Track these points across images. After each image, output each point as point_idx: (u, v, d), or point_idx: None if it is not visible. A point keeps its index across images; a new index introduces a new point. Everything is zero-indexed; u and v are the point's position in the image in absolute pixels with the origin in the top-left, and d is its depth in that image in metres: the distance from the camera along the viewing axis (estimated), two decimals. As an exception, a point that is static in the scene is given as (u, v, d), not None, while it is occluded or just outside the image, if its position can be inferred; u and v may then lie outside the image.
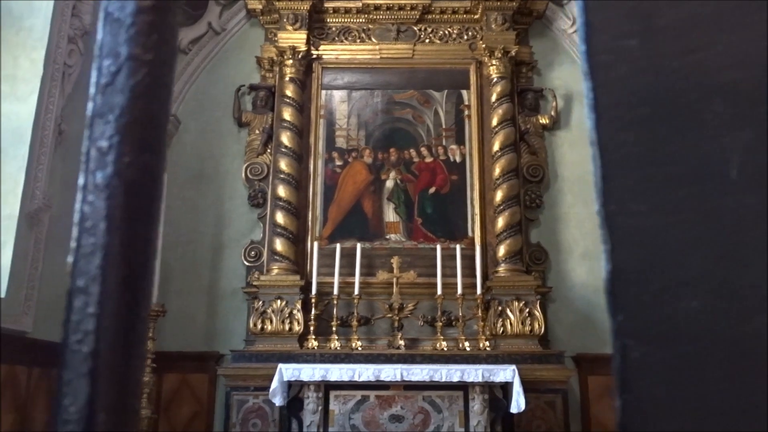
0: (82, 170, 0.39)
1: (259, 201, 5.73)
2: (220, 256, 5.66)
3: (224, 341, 5.37)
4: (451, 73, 5.95)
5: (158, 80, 0.40)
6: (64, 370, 0.36)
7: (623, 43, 0.39)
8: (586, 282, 5.54)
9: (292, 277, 5.26)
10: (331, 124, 5.87)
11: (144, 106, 0.40)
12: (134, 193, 0.38)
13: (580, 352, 5.31)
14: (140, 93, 0.40)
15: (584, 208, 5.73)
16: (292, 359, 4.80)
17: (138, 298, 0.37)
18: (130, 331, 0.37)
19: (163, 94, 0.41)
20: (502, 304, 5.17)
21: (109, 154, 0.39)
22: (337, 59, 5.98)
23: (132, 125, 0.39)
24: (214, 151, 5.89)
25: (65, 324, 0.37)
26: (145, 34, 0.40)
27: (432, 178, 5.76)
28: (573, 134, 5.98)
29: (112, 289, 0.37)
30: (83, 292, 0.37)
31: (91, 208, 0.38)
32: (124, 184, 0.38)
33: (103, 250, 0.37)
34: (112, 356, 0.36)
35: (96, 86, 0.40)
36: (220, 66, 6.13)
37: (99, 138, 0.39)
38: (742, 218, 0.37)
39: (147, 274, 0.38)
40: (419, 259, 5.46)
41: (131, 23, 0.40)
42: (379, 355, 4.90)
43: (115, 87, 0.40)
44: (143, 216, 0.38)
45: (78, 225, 0.38)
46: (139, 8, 0.41)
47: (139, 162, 0.39)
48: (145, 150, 0.39)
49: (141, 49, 0.40)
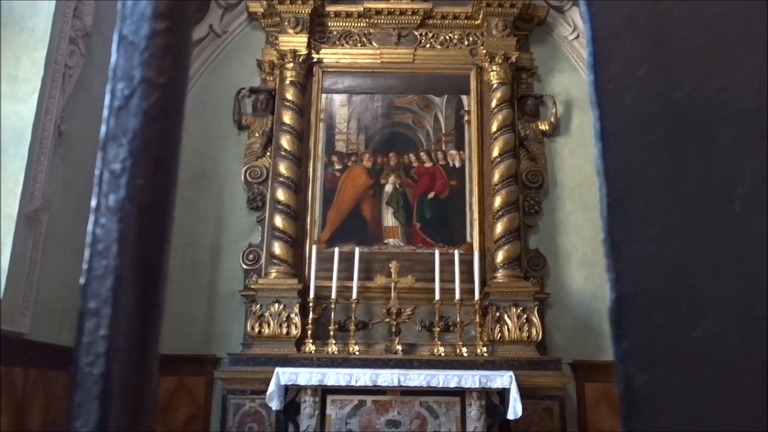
0: (95, 193, 0.39)
1: (258, 204, 5.73)
2: (218, 259, 5.66)
3: (221, 344, 5.37)
4: (452, 79, 5.96)
5: (171, 103, 0.41)
6: (75, 393, 0.36)
7: (633, 72, 0.40)
8: (584, 289, 5.55)
9: (290, 281, 5.26)
10: (331, 128, 5.88)
11: (157, 129, 0.40)
12: (146, 216, 0.39)
13: (577, 359, 5.32)
14: (153, 116, 0.40)
15: (583, 214, 5.74)
16: (289, 363, 4.79)
17: (149, 319, 0.38)
18: (141, 353, 0.37)
19: (176, 117, 0.41)
20: (500, 309, 5.17)
21: (122, 176, 0.39)
22: (337, 63, 5.99)
23: (145, 148, 0.40)
24: (214, 154, 5.89)
25: (76, 346, 0.37)
26: (159, 57, 0.41)
27: (431, 183, 5.77)
28: (573, 141, 5.99)
29: (124, 312, 0.37)
30: (95, 314, 0.37)
31: (103, 231, 0.38)
32: (136, 207, 0.39)
33: (114, 273, 0.38)
34: (124, 378, 0.36)
35: (109, 109, 0.40)
36: (220, 68, 6.14)
37: (112, 161, 0.39)
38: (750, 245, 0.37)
39: (159, 296, 0.39)
40: (417, 264, 5.47)
41: (145, 47, 0.41)
42: (377, 360, 4.89)
43: (128, 110, 0.40)
44: (155, 238, 0.39)
45: (90, 247, 0.38)
46: (153, 31, 0.41)
47: (152, 185, 0.39)
48: (157, 172, 0.40)
49: (155, 73, 0.41)
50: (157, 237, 0.39)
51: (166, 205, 0.40)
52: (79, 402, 0.36)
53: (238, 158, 5.90)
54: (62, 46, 4.48)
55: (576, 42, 6.11)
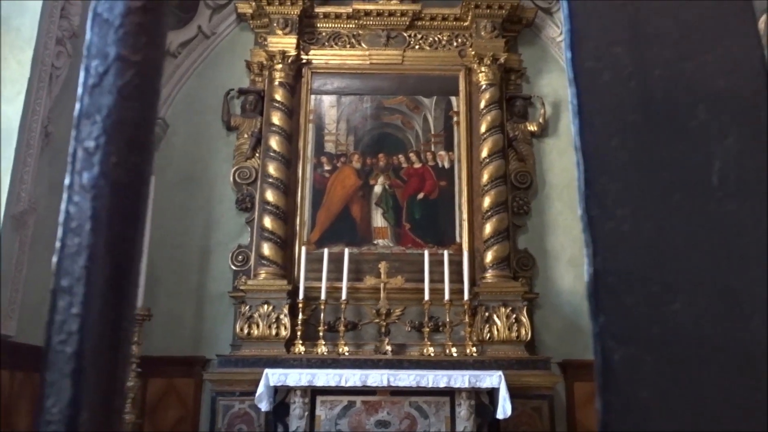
0: (68, 171, 0.39)
1: (247, 205, 5.71)
2: (207, 260, 5.64)
3: (210, 346, 5.34)
4: (441, 80, 5.98)
5: (146, 81, 0.40)
6: (47, 371, 0.36)
7: (609, 50, 0.40)
8: (573, 288, 5.58)
9: (279, 282, 5.24)
10: (320, 129, 5.87)
11: (131, 107, 0.40)
12: (121, 194, 0.38)
13: (566, 359, 5.34)
14: (128, 94, 0.40)
15: (572, 214, 5.76)
16: (278, 364, 4.77)
17: (123, 298, 0.37)
18: (114, 331, 0.36)
19: (151, 96, 0.41)
20: (489, 310, 5.18)
21: (95, 154, 0.39)
22: (326, 64, 5.99)
23: (119, 126, 0.39)
24: (203, 155, 5.87)
25: (49, 324, 0.37)
26: (133, 35, 0.40)
27: (420, 184, 5.78)
28: (561, 141, 6.02)
29: (97, 290, 0.37)
30: (67, 292, 0.37)
31: (76, 209, 0.38)
32: (110, 185, 0.38)
33: (88, 251, 0.37)
34: (96, 357, 0.36)
35: (84, 87, 0.40)
36: (209, 70, 6.11)
37: (86, 138, 0.39)
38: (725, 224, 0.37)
39: (132, 274, 0.38)
40: (407, 265, 5.47)
41: (120, 24, 0.40)
42: (366, 361, 4.88)
43: (102, 88, 0.40)
44: (129, 217, 0.38)
45: (63, 225, 0.38)
46: (128, 9, 0.41)
47: (126, 163, 0.39)
48: (132, 151, 0.39)
49: (129, 51, 0.40)
50: (131, 216, 0.39)
51: (140, 184, 0.39)
52: (51, 381, 0.35)
53: (227, 159, 5.88)
54: (49, 47, 4.44)
55: (564, 43, 6.14)
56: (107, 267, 0.37)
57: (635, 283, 0.36)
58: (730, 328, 0.36)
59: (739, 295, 0.36)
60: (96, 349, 0.36)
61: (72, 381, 0.35)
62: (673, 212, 0.37)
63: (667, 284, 0.36)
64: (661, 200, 0.37)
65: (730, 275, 0.37)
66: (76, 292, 0.36)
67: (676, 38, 0.40)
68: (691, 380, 0.35)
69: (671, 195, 0.37)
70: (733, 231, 0.37)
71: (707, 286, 0.36)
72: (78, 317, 0.36)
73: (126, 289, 0.37)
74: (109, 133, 0.39)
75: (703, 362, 0.35)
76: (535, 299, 5.54)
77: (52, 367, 0.35)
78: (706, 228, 0.37)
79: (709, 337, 0.36)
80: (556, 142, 6.04)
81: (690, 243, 0.37)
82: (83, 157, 0.39)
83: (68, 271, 0.37)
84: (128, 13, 0.41)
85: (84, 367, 0.35)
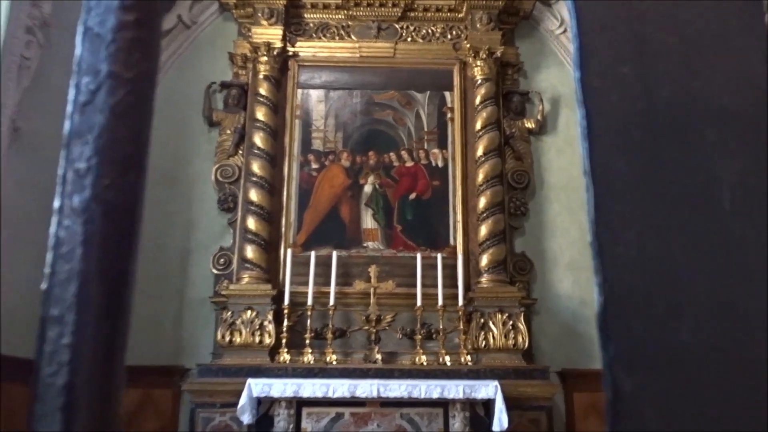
0: (58, 193, 0.39)
1: (229, 205, 5.70)
2: (187, 263, 5.62)
3: (190, 354, 5.32)
4: (434, 74, 5.99)
5: (140, 99, 0.41)
6: (37, 404, 0.36)
7: (617, 70, 0.41)
8: (572, 293, 5.61)
9: (263, 287, 5.23)
10: (308, 125, 5.87)
11: (124, 126, 0.40)
12: (113, 218, 0.39)
13: (565, 367, 5.37)
14: (121, 112, 0.40)
15: (570, 216, 5.80)
16: (262, 374, 4.76)
17: (116, 327, 0.38)
18: (108, 362, 0.37)
19: (144, 114, 0.41)
20: (485, 316, 5.20)
21: (87, 176, 0.39)
22: (314, 57, 5.98)
23: (112, 146, 0.40)
24: (183, 152, 5.84)
25: (38, 355, 0.37)
26: (126, 50, 0.41)
27: (413, 184, 5.79)
28: (560, 139, 6.05)
29: (89, 319, 0.37)
30: (58, 321, 0.37)
31: (67, 233, 0.38)
32: (102, 208, 0.39)
33: (79, 277, 0.37)
34: (89, 390, 0.36)
35: (74, 105, 0.40)
36: (190, 62, 6.09)
37: (76, 159, 0.39)
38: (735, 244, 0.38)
39: (126, 302, 0.39)
40: (398, 269, 5.48)
41: (112, 39, 0.41)
42: (355, 370, 4.89)
43: (94, 106, 0.40)
44: (123, 242, 0.39)
45: (53, 250, 0.38)
46: (120, 24, 0.41)
47: (119, 185, 0.39)
48: (125, 172, 0.40)
49: (122, 67, 0.41)
50: (124, 240, 0.39)
51: (134, 206, 0.40)
52: (41, 415, 0.36)
53: (208, 157, 5.86)
54: (18, 36, 4.41)
55: (563, 36, 6.18)
56: (100, 295, 0.38)
57: (643, 310, 0.37)
58: (738, 351, 0.37)
59: (748, 317, 0.38)
60: (88, 382, 0.36)
61: (63, 415, 0.35)
62: (680, 234, 0.38)
63: (674, 309, 0.37)
64: (667, 223, 0.38)
65: (737, 297, 0.38)
66: (67, 321, 0.37)
67: (683, 55, 0.41)
68: (701, 407, 0.36)
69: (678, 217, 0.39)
70: (741, 252, 0.38)
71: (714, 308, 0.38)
72: (69, 348, 0.36)
73: (120, 318, 0.38)
74: (101, 154, 0.39)
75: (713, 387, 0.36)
76: (532, 305, 5.57)
77: (42, 400, 0.36)
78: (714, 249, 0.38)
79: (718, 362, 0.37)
80: (554, 140, 6.07)
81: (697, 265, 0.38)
82: (74, 179, 0.39)
83: (59, 299, 0.37)
84: (121, 27, 0.41)
85: (76, 400, 0.36)
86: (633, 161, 0.39)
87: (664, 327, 0.37)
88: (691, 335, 0.36)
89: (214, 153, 5.86)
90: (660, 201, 0.38)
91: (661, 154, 0.39)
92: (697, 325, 0.37)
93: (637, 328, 0.36)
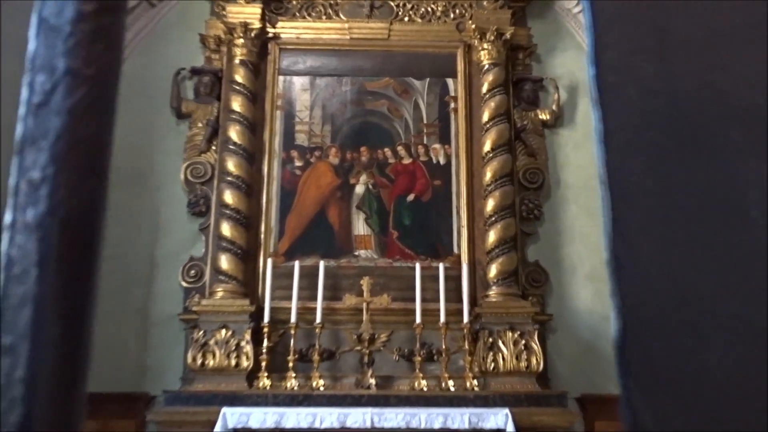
0: (10, 206, 0.40)
1: (201, 209, 5.70)
2: (152, 276, 5.61)
3: (156, 379, 5.31)
4: (435, 59, 6.01)
5: (101, 99, 0.42)
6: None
7: (634, 64, 0.42)
8: (593, 308, 5.62)
9: (240, 302, 5.23)
10: (291, 117, 5.87)
11: (84, 130, 0.41)
12: (72, 234, 0.39)
13: (585, 393, 5.38)
14: (80, 114, 0.41)
15: (590, 219, 5.81)
16: (238, 401, 4.76)
17: (75, 358, 0.38)
18: (66, 397, 0.38)
19: (106, 116, 0.42)
20: (494, 334, 5.21)
21: (41, 187, 0.40)
22: (298, 39, 5.99)
23: (69, 153, 0.40)
24: (148, 148, 5.84)
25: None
26: (86, 44, 0.42)
27: (411, 183, 5.80)
28: (578, 133, 6.08)
29: (45, 348, 0.38)
30: (10, 351, 0.38)
31: (20, 252, 0.39)
32: (59, 223, 0.39)
33: (34, 302, 0.38)
34: (46, 428, 0.37)
35: (27, 106, 0.41)
36: (155, 45, 6.09)
37: (30, 168, 0.40)
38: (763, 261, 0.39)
39: (87, 329, 0.39)
40: (394, 281, 5.49)
41: (70, 32, 0.42)
42: (346, 397, 4.89)
43: (49, 107, 0.41)
44: (83, 260, 0.40)
45: (4, 271, 0.39)
46: (79, 14, 0.42)
47: (78, 197, 0.40)
48: (85, 183, 0.40)
49: (81, 63, 0.41)
50: (84, 258, 0.40)
51: (95, 220, 0.41)
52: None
53: (177, 153, 5.86)
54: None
55: (582, 15, 6.20)
56: (57, 321, 0.38)
57: (666, 333, 0.38)
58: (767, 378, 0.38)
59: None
60: (44, 420, 0.37)
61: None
62: (704, 249, 0.39)
63: (699, 332, 0.38)
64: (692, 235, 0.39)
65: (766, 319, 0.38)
66: (21, 351, 0.37)
67: (707, 47, 0.42)
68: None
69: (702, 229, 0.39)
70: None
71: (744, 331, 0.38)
72: (23, 382, 0.37)
73: (79, 347, 0.39)
74: (57, 162, 0.40)
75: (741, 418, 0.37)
76: (548, 321, 5.58)
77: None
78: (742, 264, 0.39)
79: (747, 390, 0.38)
80: (571, 134, 6.09)
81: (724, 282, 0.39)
82: (27, 191, 0.40)
83: (11, 327, 0.38)
84: (79, 18, 0.42)
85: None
86: (653, 166, 0.40)
87: (689, 352, 0.37)
88: (718, 361, 0.37)
89: (184, 149, 5.86)
90: (683, 211, 0.39)
91: (684, 159, 0.40)
92: (725, 349, 0.37)
93: (658, 354, 0.37)
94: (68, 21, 0.42)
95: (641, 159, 0.40)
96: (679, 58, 0.41)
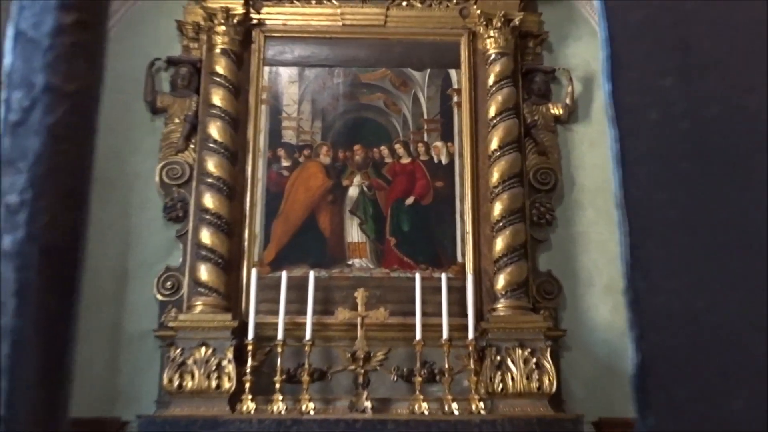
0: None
1: (178, 213, 5.69)
2: (124, 288, 5.60)
3: (129, 403, 5.30)
4: (436, 48, 6.02)
5: (83, 117, 0.43)
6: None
7: (656, 83, 0.43)
8: (611, 323, 5.62)
9: (221, 316, 5.23)
10: (277, 112, 5.88)
11: (65, 150, 0.42)
12: (52, 262, 0.41)
13: (603, 416, 5.39)
14: (60, 134, 0.42)
15: (608, 225, 5.82)
16: (220, 427, 4.76)
17: (57, 395, 0.40)
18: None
19: (87, 136, 0.43)
20: (502, 352, 5.21)
21: (20, 212, 0.41)
22: (284, 26, 6.00)
23: (50, 175, 0.42)
24: (119, 146, 5.83)
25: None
26: (66, 59, 0.43)
27: (409, 185, 5.81)
28: (594, 129, 6.09)
29: (25, 385, 0.39)
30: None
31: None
32: (39, 251, 0.41)
33: (12, 335, 0.39)
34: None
35: (3, 125, 0.42)
36: (127, 33, 6.08)
37: (8, 192, 0.41)
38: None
39: (68, 363, 0.40)
40: (392, 293, 5.49)
41: (49, 45, 0.43)
42: (338, 422, 4.89)
43: (28, 126, 0.42)
44: (64, 290, 0.41)
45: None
46: (59, 27, 0.43)
47: (59, 222, 0.41)
48: (66, 206, 0.42)
49: (61, 79, 0.43)
50: (66, 289, 0.41)
51: (76, 247, 0.42)
52: (-33, 502, 0.38)
53: (151, 152, 5.86)
54: None
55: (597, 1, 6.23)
56: (37, 356, 0.39)
57: (689, 374, 0.39)
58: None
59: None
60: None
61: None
62: (732, 284, 0.40)
63: (725, 372, 0.39)
64: (718, 269, 0.40)
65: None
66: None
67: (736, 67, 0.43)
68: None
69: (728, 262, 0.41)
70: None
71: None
72: (1, 420, 0.38)
73: (61, 385, 0.40)
74: (37, 185, 0.41)
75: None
76: (561, 338, 5.58)
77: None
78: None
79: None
80: (587, 130, 6.10)
81: (752, 320, 0.40)
82: (5, 216, 0.41)
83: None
84: (59, 31, 0.43)
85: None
86: (676, 193, 0.41)
87: (713, 394, 0.39)
88: (744, 404, 0.38)
89: (159, 148, 5.86)
90: (707, 242, 0.40)
91: (709, 186, 0.41)
92: (752, 392, 0.39)
93: (680, 395, 0.39)
94: (47, 34, 0.43)
95: (664, 187, 0.41)
96: (706, 78, 0.42)
